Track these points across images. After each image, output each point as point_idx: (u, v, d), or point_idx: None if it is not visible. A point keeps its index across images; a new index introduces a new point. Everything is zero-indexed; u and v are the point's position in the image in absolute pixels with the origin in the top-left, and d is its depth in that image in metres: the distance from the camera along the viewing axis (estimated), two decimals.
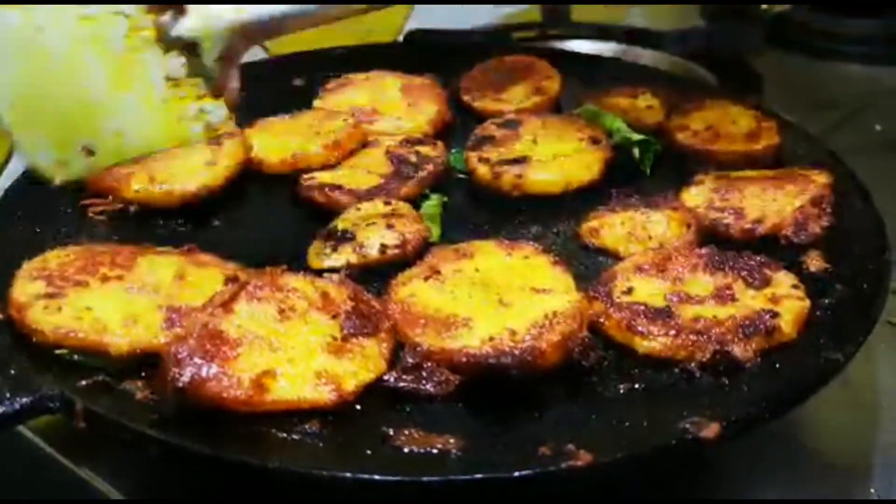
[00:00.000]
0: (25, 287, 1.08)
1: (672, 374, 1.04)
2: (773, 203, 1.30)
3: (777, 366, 1.04)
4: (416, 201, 1.37)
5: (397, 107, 1.61)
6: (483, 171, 1.41)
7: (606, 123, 1.53)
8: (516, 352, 1.00)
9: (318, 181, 1.39)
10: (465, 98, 1.68)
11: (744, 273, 1.15)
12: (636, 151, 1.48)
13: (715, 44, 2.21)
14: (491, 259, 1.17)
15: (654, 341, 1.07)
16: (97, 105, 1.10)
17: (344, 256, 1.22)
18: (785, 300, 1.11)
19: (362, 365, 0.99)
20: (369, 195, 1.35)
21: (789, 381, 1.01)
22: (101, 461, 1.14)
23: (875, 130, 1.99)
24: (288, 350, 0.99)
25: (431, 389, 1.00)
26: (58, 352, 1.02)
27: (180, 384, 0.93)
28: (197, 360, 0.95)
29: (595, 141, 1.46)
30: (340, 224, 1.27)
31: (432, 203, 1.37)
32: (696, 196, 1.36)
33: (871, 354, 1.30)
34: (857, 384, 1.27)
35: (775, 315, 1.08)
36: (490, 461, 0.90)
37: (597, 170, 1.41)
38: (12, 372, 0.99)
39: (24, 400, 0.95)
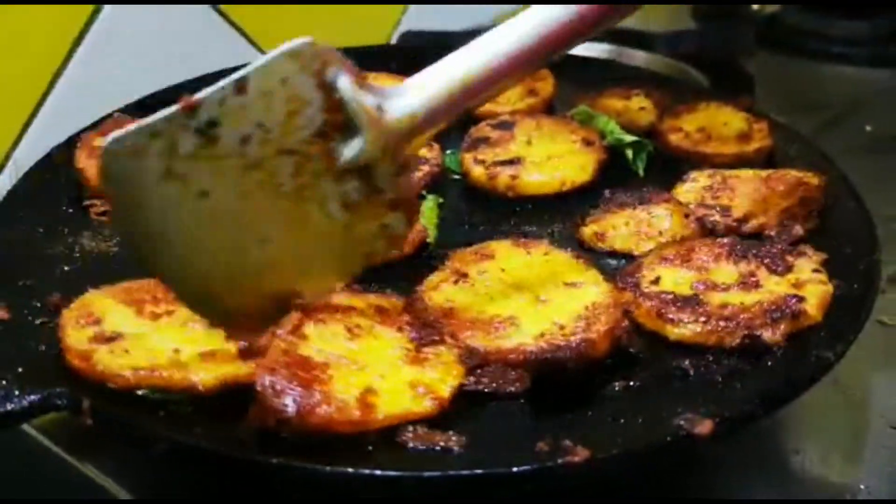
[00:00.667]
0: (79, 335, 1.04)
1: (667, 372, 1.06)
2: (761, 203, 1.31)
3: (769, 364, 1.05)
4: None
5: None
6: (478, 172, 1.43)
7: (600, 125, 1.54)
8: (572, 344, 1.02)
9: None
10: None
11: (766, 260, 1.18)
12: (629, 153, 1.50)
13: (706, 46, 2.23)
14: (512, 258, 1.19)
15: (684, 328, 1.09)
16: (276, 258, 1.00)
17: None
18: (808, 284, 1.14)
19: (446, 371, 0.98)
20: None
21: (781, 380, 1.03)
22: (106, 459, 1.15)
23: (865, 131, 2.01)
24: (374, 366, 0.97)
25: (512, 389, 1.01)
26: (140, 392, 0.99)
27: (289, 414, 0.92)
28: (296, 387, 0.93)
29: (588, 142, 1.47)
30: None
31: (428, 204, 1.38)
32: (689, 192, 1.38)
33: (862, 353, 1.31)
34: (847, 383, 1.28)
35: (801, 299, 1.10)
36: (489, 457, 0.92)
37: (590, 171, 1.43)
38: (20, 370, 0.99)
39: (33, 398, 0.96)
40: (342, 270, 1.05)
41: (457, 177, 1.49)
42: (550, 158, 1.44)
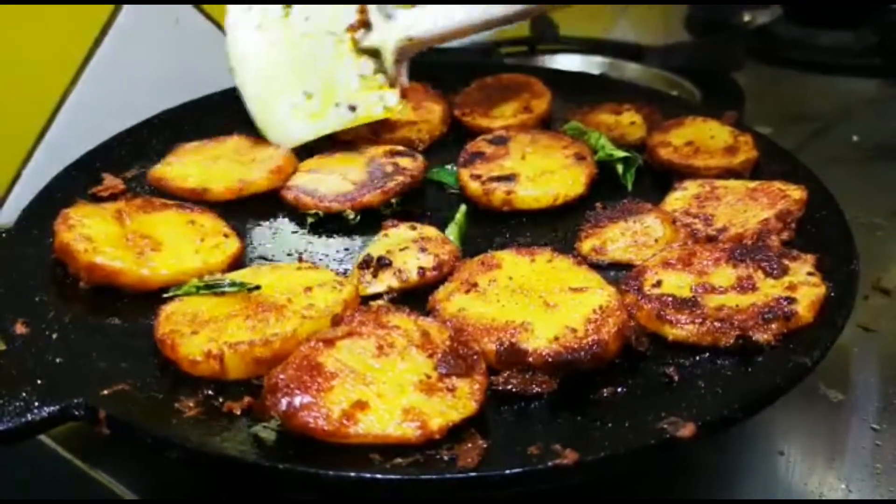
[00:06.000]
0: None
1: (653, 378, 1.10)
2: (742, 213, 1.36)
3: (749, 370, 1.09)
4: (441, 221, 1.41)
5: (405, 111, 1.67)
6: (474, 187, 1.47)
7: (591, 140, 1.58)
8: (586, 346, 1.07)
9: (295, 185, 1.48)
10: (457, 113, 1.74)
11: (763, 264, 1.22)
12: (619, 168, 1.53)
13: (698, 58, 2.26)
14: (518, 266, 1.23)
15: (681, 329, 1.14)
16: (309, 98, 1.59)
17: (386, 282, 1.25)
18: (801, 287, 1.18)
19: (452, 405, 1.01)
20: (336, 201, 1.43)
21: (760, 384, 1.07)
22: (114, 463, 1.20)
23: (852, 141, 2.04)
24: (381, 385, 1.02)
25: (537, 389, 1.06)
26: None
27: (274, 413, 0.97)
28: (294, 389, 0.98)
29: (580, 157, 1.51)
30: (374, 252, 1.29)
31: (459, 216, 1.42)
32: (678, 200, 1.43)
33: (844, 357, 1.36)
34: (829, 386, 1.33)
35: (792, 301, 1.15)
36: (483, 460, 0.96)
37: (582, 185, 1.47)
38: (39, 382, 1.03)
39: (52, 408, 1.01)
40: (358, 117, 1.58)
41: (453, 191, 1.53)
42: (544, 173, 1.48)
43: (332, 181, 1.49)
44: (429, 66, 1.93)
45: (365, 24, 1.56)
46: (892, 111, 2.17)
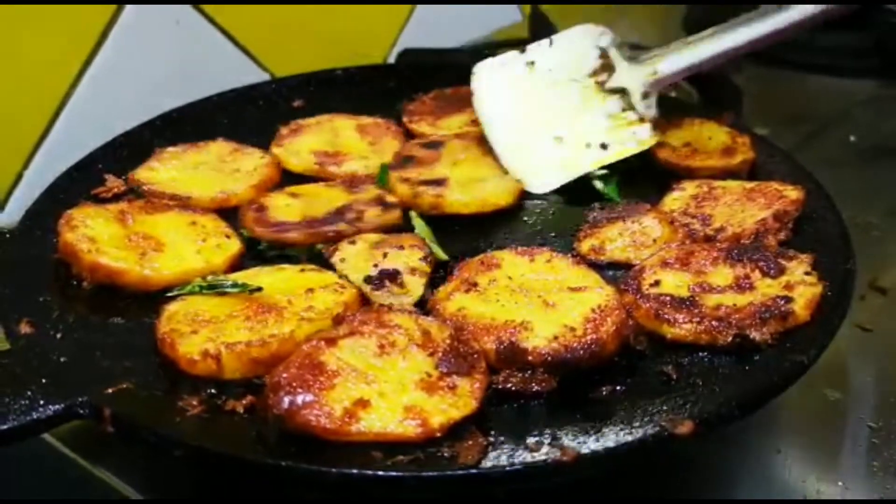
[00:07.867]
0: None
1: (651, 376, 1.11)
2: (740, 213, 1.37)
3: (746, 368, 1.10)
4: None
5: (360, 146, 1.64)
6: (403, 189, 1.46)
7: None
8: (585, 345, 1.08)
9: (261, 202, 1.44)
10: (405, 119, 1.73)
11: (761, 263, 1.23)
12: (598, 184, 1.52)
13: None
14: (517, 266, 1.24)
15: (679, 328, 1.15)
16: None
17: (414, 284, 1.24)
18: (798, 286, 1.19)
19: (452, 403, 1.02)
20: (265, 227, 1.37)
21: (757, 382, 1.08)
22: (116, 461, 1.20)
23: (849, 142, 2.04)
24: (382, 383, 1.03)
25: (537, 388, 1.07)
26: None
27: (276, 411, 0.98)
28: (295, 388, 0.99)
29: None
30: (361, 272, 1.26)
31: (419, 222, 1.41)
32: (676, 200, 1.43)
33: (842, 356, 1.36)
34: (827, 384, 1.33)
35: (789, 300, 1.16)
36: (484, 457, 0.97)
37: (512, 196, 1.47)
38: (44, 381, 1.04)
39: (57, 407, 1.02)
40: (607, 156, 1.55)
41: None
42: (474, 181, 1.48)
43: (292, 207, 1.43)
44: (425, 68, 1.95)
45: (608, 68, 1.57)
46: (889, 112, 2.17)
